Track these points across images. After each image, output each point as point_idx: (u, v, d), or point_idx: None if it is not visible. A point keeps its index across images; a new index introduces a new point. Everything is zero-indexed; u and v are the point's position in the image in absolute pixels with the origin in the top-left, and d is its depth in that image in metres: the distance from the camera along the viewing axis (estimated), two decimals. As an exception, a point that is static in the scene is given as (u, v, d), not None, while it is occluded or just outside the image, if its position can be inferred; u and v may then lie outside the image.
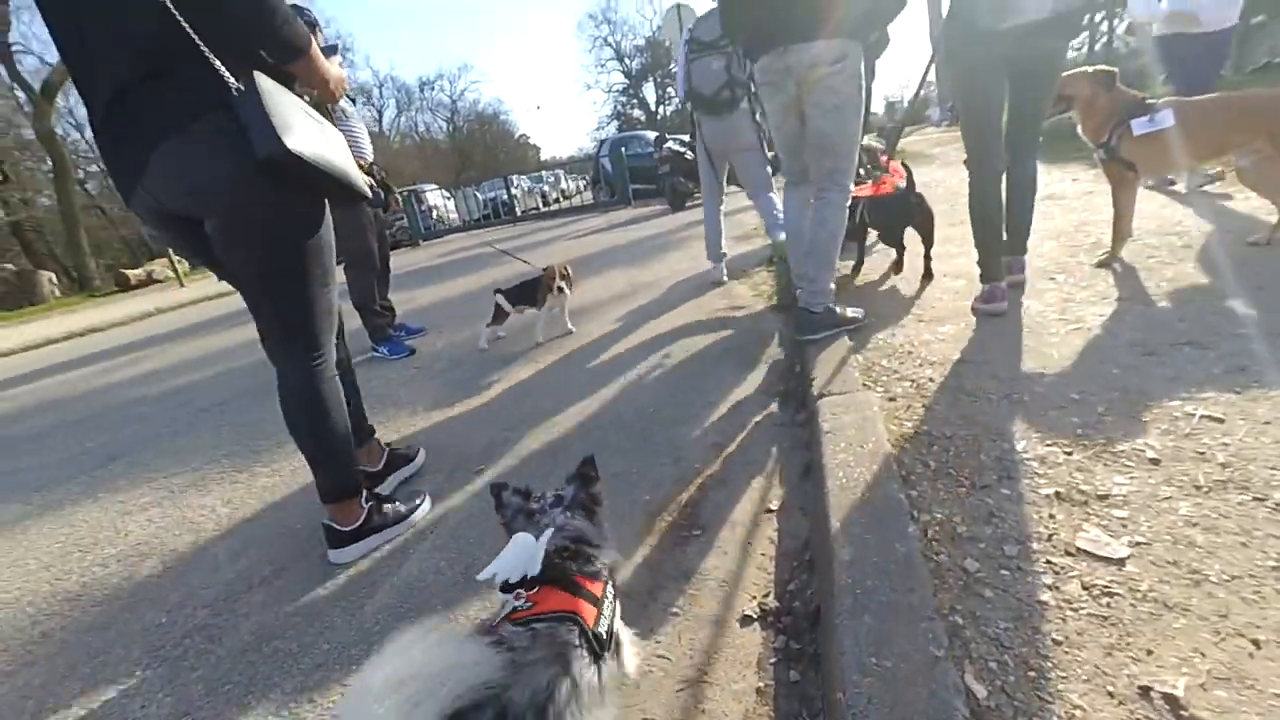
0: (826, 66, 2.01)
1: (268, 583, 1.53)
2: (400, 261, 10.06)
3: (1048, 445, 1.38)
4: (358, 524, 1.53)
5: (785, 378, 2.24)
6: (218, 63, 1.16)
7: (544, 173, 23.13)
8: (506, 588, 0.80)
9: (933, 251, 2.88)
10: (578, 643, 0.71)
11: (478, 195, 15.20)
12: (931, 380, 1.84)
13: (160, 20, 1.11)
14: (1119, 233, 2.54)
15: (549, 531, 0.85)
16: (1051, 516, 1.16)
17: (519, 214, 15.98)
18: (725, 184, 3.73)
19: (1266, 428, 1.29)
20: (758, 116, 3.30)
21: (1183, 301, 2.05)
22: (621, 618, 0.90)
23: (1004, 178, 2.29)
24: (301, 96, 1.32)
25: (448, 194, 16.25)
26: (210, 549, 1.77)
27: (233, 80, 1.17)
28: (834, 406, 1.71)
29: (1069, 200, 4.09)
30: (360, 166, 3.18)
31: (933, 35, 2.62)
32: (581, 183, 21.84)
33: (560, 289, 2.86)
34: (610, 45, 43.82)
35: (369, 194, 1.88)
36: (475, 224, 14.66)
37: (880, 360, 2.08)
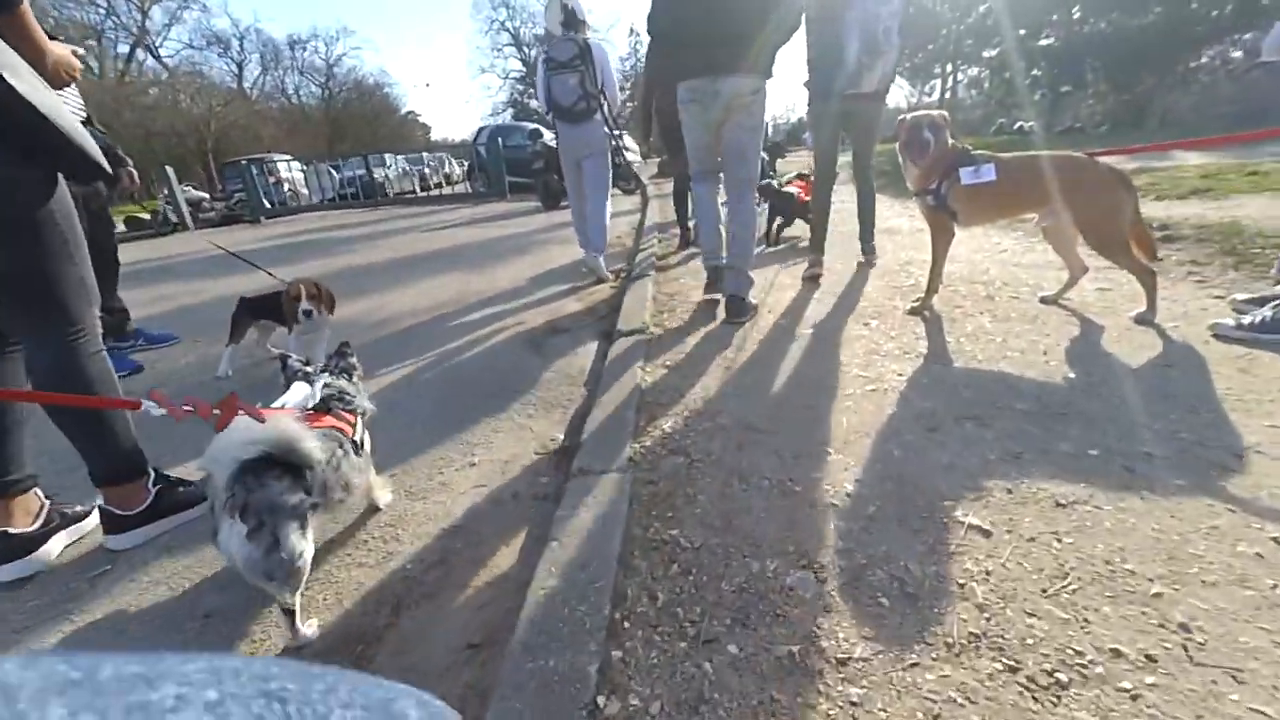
0: (749, 95, 2.52)
1: None
2: (222, 240, 8.63)
3: (802, 566, 1.11)
4: (143, 506, 1.40)
5: (575, 430, 1.87)
6: None
7: (425, 155, 21.23)
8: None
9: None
10: (344, 440, 1.23)
11: (333, 172, 13.48)
12: (709, 455, 1.55)
13: None
14: (932, 282, 2.47)
15: (320, 382, 1.34)
16: (774, 700, 0.86)
17: (390, 196, 14.59)
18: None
19: (1030, 547, 1.11)
20: (606, 127, 3.77)
21: (974, 363, 1.95)
22: None
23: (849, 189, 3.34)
24: None
25: (302, 168, 14.37)
26: None
27: None
28: (582, 494, 1.35)
29: (901, 236, 4.18)
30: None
31: (808, 80, 3.20)
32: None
33: (307, 312, 2.25)
34: (509, 30, 42.14)
35: (108, 170, 1.35)
36: (330, 204, 13.07)
37: (667, 413, 1.78)
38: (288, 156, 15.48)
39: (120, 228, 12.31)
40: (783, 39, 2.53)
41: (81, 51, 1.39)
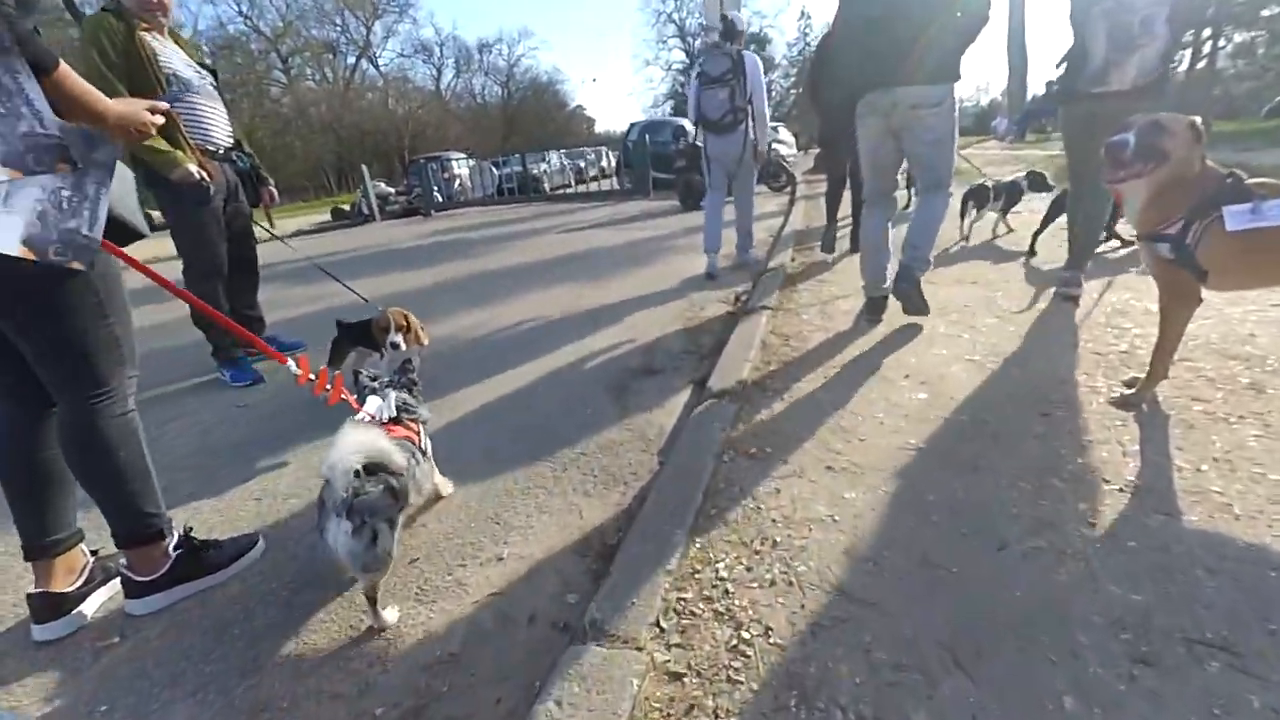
0: (928, 108, 2.38)
1: None
2: (392, 235, 9.64)
3: None
4: (161, 572, 1.36)
5: (628, 525, 1.56)
6: None
7: (586, 149, 22.05)
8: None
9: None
10: (414, 448, 1.41)
11: (493, 170, 14.49)
12: (766, 628, 1.14)
13: None
14: (1158, 365, 1.74)
15: (392, 396, 1.49)
16: None
17: (546, 191, 15.36)
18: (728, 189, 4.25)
19: None
20: (751, 135, 3.93)
21: (1225, 520, 1.27)
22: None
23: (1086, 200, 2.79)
24: None
25: (469, 164, 15.64)
26: None
27: None
28: (577, 674, 1.03)
29: (1116, 263, 3.20)
30: (207, 152, 2.61)
31: (1010, 58, 2.79)
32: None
33: (394, 344, 2.20)
34: (674, 22, 42.37)
35: (147, 232, 1.38)
36: (489, 199, 14.06)
37: (727, 537, 1.38)
38: (461, 154, 17.00)
39: (326, 217, 14.53)
40: (966, 41, 2.35)
41: (164, 106, 1.34)
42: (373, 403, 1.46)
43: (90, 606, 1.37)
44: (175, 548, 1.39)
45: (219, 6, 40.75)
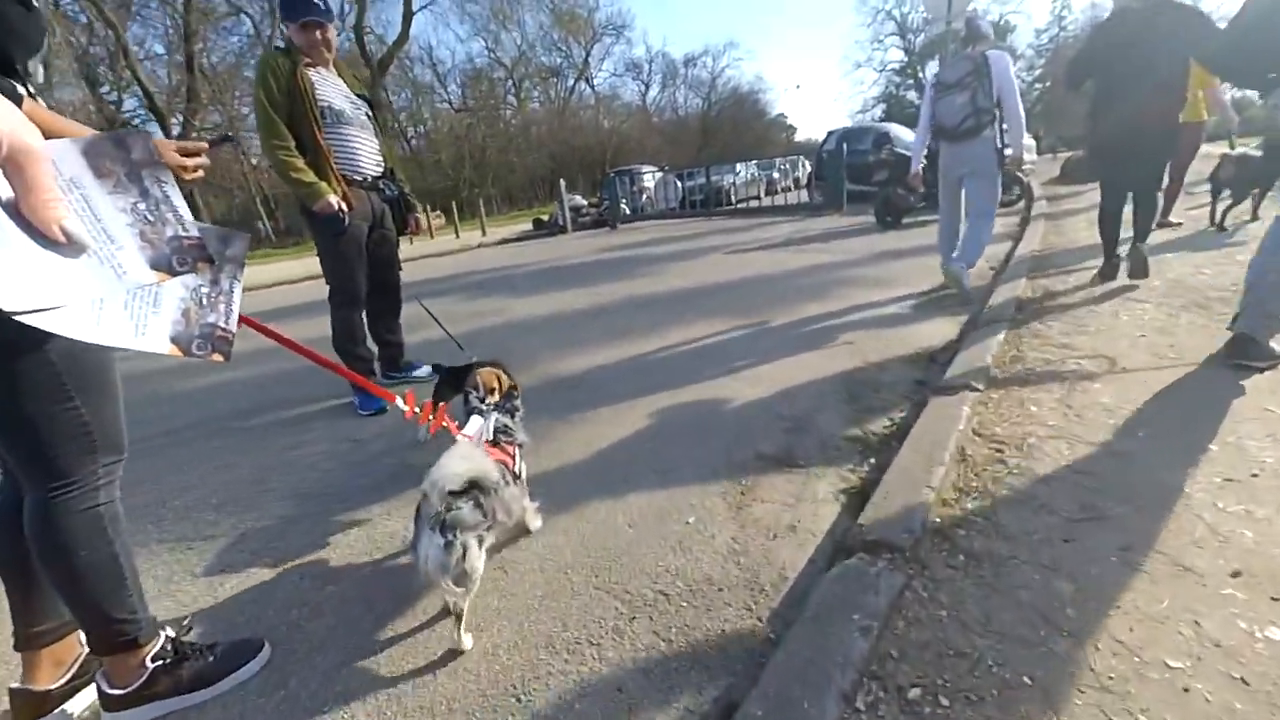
0: None
1: None
2: (575, 248, 9.97)
3: None
4: (133, 686, 1.18)
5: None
6: None
7: (778, 160, 21.21)
8: None
9: None
10: (506, 471, 1.42)
11: (678, 183, 14.39)
12: None
13: None
14: None
15: (493, 418, 1.61)
16: None
17: (732, 203, 14.94)
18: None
19: None
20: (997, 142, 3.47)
21: None
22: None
23: None
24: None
25: (654, 177, 15.83)
26: None
27: None
28: None
29: None
30: (354, 181, 2.63)
31: None
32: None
33: (475, 410, 1.89)
34: (894, 19, 38.92)
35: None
36: (672, 212, 14.00)
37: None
38: (652, 167, 17.36)
39: (527, 226, 15.87)
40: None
41: (204, 147, 1.21)
42: (474, 424, 1.56)
43: (78, 705, 1.23)
44: (155, 658, 1.19)
45: (468, 44, 48.21)
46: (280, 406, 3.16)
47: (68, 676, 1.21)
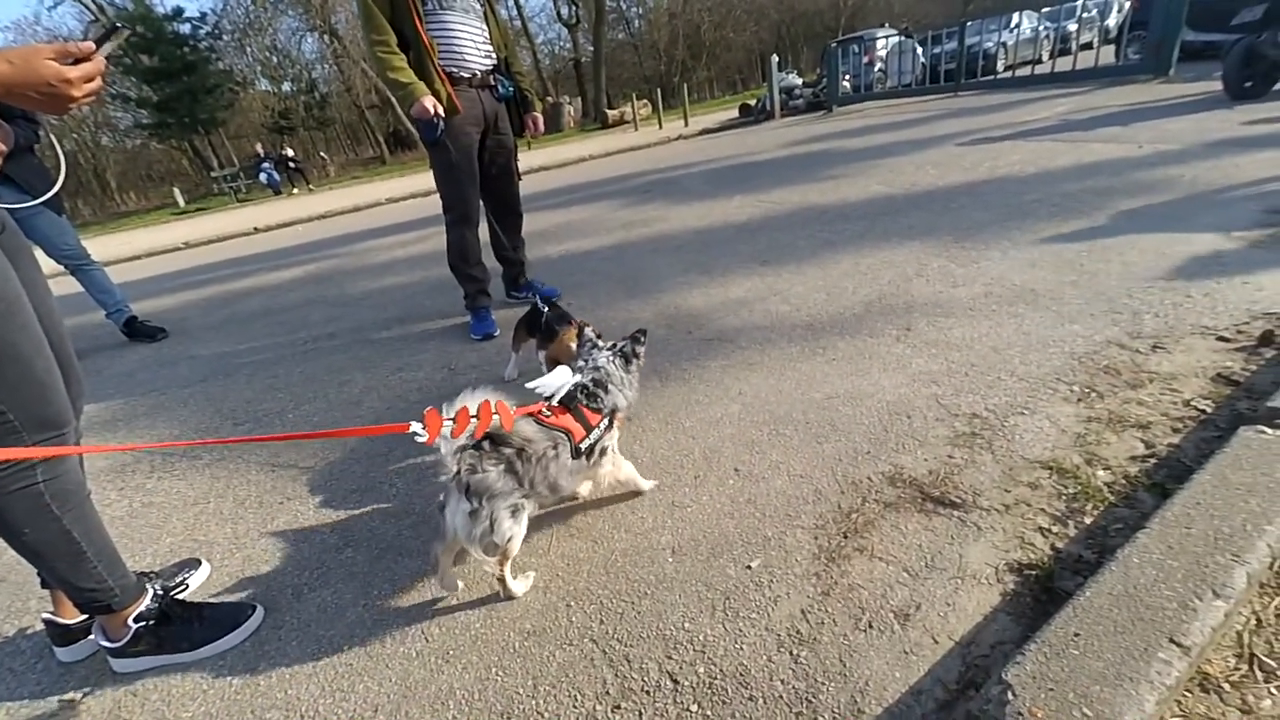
0: None
1: None
2: (772, 138, 8.70)
3: None
4: (121, 642, 1.23)
5: None
6: None
7: (1078, 3, 15.46)
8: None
9: None
10: (562, 441, 1.23)
11: (918, 50, 11.29)
12: None
13: None
14: None
15: (577, 376, 1.37)
16: None
17: (1000, 71, 11.66)
18: None
19: None
20: None
21: None
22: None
23: None
24: None
25: (886, 45, 12.77)
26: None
27: None
28: None
29: None
30: (460, 79, 2.35)
31: None
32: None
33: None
34: None
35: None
36: (906, 89, 11.28)
37: None
38: (893, 31, 14.17)
39: (734, 114, 14.45)
40: None
41: (91, 48, 0.89)
42: (559, 375, 1.38)
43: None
44: (138, 618, 1.21)
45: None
46: (417, 319, 3.27)
47: (86, 614, 1.31)
